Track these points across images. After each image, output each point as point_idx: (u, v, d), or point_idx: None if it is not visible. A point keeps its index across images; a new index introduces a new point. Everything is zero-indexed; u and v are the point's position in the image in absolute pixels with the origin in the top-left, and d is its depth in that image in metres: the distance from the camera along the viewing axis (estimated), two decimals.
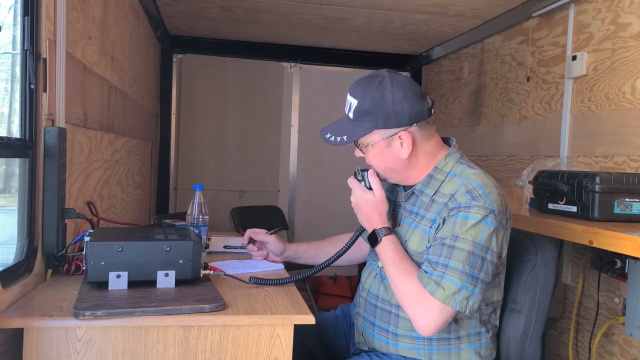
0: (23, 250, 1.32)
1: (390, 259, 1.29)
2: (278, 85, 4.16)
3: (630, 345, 1.98)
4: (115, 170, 2.30)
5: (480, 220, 1.21)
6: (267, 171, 4.19)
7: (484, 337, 1.35)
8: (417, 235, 1.32)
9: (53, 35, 1.41)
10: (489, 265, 1.23)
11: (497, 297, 1.36)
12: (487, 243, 1.22)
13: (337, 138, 1.33)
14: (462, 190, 1.25)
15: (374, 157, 1.35)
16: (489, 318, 1.36)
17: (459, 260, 1.20)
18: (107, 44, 2.10)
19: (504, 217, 1.26)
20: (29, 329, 1.08)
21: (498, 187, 1.29)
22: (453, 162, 1.35)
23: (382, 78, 1.30)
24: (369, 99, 1.29)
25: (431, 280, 1.21)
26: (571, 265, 2.29)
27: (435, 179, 1.33)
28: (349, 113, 1.33)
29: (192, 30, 3.70)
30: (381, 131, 1.30)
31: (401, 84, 1.30)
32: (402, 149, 1.31)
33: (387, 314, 1.36)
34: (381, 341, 1.38)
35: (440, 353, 1.32)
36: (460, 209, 1.23)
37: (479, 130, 3.32)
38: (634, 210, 1.69)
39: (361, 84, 1.32)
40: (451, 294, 1.19)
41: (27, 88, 1.33)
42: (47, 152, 1.37)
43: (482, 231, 1.21)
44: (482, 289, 1.22)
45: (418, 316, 1.22)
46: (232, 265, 1.60)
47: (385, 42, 3.77)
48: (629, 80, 2.08)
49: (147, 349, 1.11)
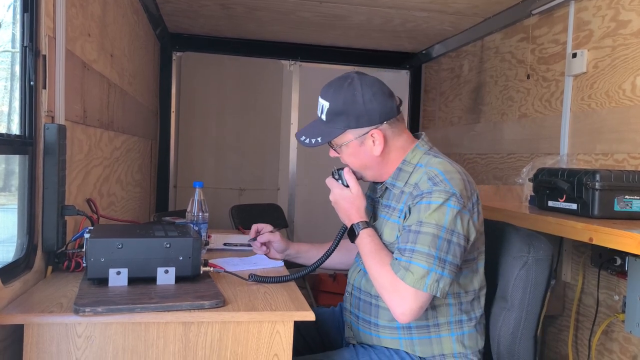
0: (23, 247, 1.32)
1: (368, 250, 1.33)
2: (277, 83, 4.16)
3: (630, 343, 1.98)
4: (115, 168, 2.30)
5: (442, 203, 1.25)
6: (267, 169, 4.19)
7: (466, 325, 1.36)
8: (389, 226, 1.38)
9: (52, 32, 1.40)
10: (456, 247, 1.25)
11: (477, 285, 1.37)
12: (452, 226, 1.25)
13: (312, 140, 1.38)
14: (425, 178, 1.30)
15: (349, 157, 1.39)
16: (472, 307, 1.37)
17: (424, 244, 1.23)
18: (107, 41, 2.10)
19: (468, 201, 1.29)
20: (30, 325, 1.08)
21: (463, 174, 1.32)
22: (421, 154, 1.39)
23: (351, 79, 1.35)
24: (340, 100, 1.34)
25: (400, 266, 1.24)
26: (571, 262, 2.29)
27: (404, 171, 1.38)
28: (321, 115, 1.38)
29: (192, 28, 3.70)
30: (354, 130, 1.35)
31: (370, 84, 1.36)
32: (374, 147, 1.36)
33: (368, 305, 1.40)
34: (365, 333, 1.41)
35: (422, 342, 1.34)
36: (423, 195, 1.28)
37: (478, 128, 3.32)
38: (634, 208, 1.69)
39: (332, 87, 1.37)
40: (420, 277, 1.21)
41: (27, 85, 1.33)
42: (47, 149, 1.37)
43: (445, 214, 1.24)
44: (452, 271, 1.24)
45: (394, 304, 1.25)
46: (232, 262, 1.60)
47: (385, 39, 3.76)
48: (629, 77, 2.08)
49: (147, 345, 1.11)
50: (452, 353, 1.35)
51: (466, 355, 1.36)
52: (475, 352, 1.38)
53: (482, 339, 1.41)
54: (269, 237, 1.67)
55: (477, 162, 3.30)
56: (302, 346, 1.53)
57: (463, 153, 3.50)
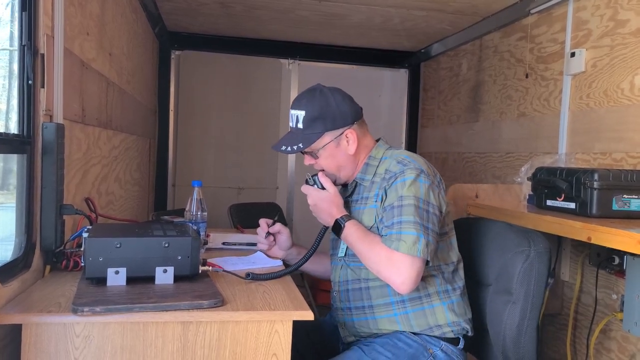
0: (21, 246, 1.32)
1: (357, 237, 1.41)
2: (276, 82, 4.15)
3: (628, 342, 1.99)
4: (114, 167, 2.30)
5: (415, 178, 1.38)
6: (266, 168, 4.18)
7: (452, 294, 1.46)
8: (366, 213, 1.47)
9: (51, 30, 1.40)
10: (433, 217, 1.38)
11: (454, 257, 1.49)
12: (427, 197, 1.38)
13: (294, 147, 1.48)
14: (394, 162, 1.45)
15: (326, 159, 1.50)
16: (453, 277, 1.48)
17: (409, 214, 1.35)
18: (105, 40, 2.09)
19: (435, 178, 1.44)
20: (28, 325, 1.07)
21: (425, 160, 1.47)
22: (383, 149, 1.54)
23: (320, 89, 1.50)
24: (316, 106, 1.47)
25: (392, 238, 1.34)
26: (569, 261, 2.29)
27: (370, 165, 1.51)
28: (297, 125, 1.49)
29: (190, 27, 3.69)
30: (331, 133, 1.48)
31: (336, 90, 1.51)
32: (349, 146, 1.49)
33: (358, 291, 1.48)
34: (360, 320, 1.47)
35: (417, 315, 1.42)
36: (397, 175, 1.41)
37: (477, 127, 3.32)
38: (632, 207, 1.69)
39: (304, 97, 1.50)
40: (412, 244, 1.31)
41: (25, 84, 1.32)
42: (45, 148, 1.37)
43: (419, 188, 1.38)
44: (434, 238, 1.37)
45: (393, 275, 1.33)
46: (230, 261, 1.60)
47: (384, 38, 3.76)
48: (628, 76, 2.08)
49: (145, 344, 1.11)
50: (446, 323, 1.43)
51: (459, 323, 1.45)
52: (466, 320, 1.47)
53: (469, 310, 1.50)
54: (280, 228, 1.69)
55: (476, 161, 3.30)
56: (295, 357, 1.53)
57: (462, 152, 3.51)
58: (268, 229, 1.67)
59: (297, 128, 1.49)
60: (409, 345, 1.40)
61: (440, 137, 3.89)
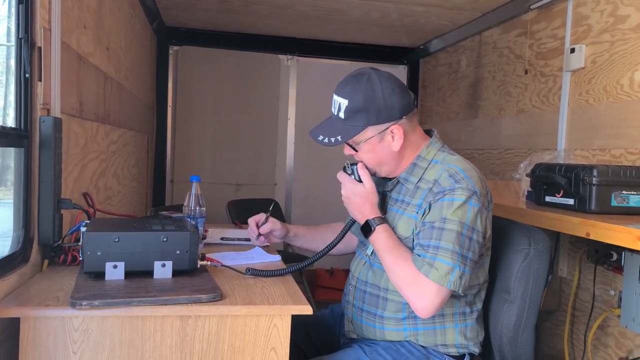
0: (19, 241, 1.31)
1: (386, 246, 1.33)
2: (275, 77, 4.14)
3: (626, 338, 1.99)
4: (112, 162, 2.29)
5: (465, 201, 1.27)
6: (264, 164, 4.18)
7: (469, 317, 1.39)
8: (404, 221, 1.37)
9: (48, 23, 1.39)
10: (476, 244, 1.28)
11: (481, 278, 1.40)
12: (473, 223, 1.27)
13: (332, 139, 1.35)
14: (445, 175, 1.32)
15: (366, 153, 1.38)
16: (474, 299, 1.40)
17: (449, 241, 1.25)
18: (103, 34, 2.08)
19: (485, 199, 1.33)
20: (26, 319, 1.07)
21: (478, 172, 1.36)
22: (435, 150, 1.41)
23: (368, 75, 1.34)
24: (360, 97, 1.32)
25: (424, 262, 1.25)
26: (567, 258, 2.30)
27: (418, 166, 1.39)
28: (338, 113, 1.35)
29: (189, 22, 3.68)
30: (374, 127, 1.34)
31: (387, 79, 1.35)
32: (393, 142, 1.35)
33: (375, 297, 1.40)
34: (369, 325, 1.41)
35: (426, 333, 1.36)
36: (445, 192, 1.29)
37: (476, 124, 3.32)
38: (630, 203, 1.69)
39: (349, 83, 1.35)
40: (445, 274, 1.23)
41: (22, 77, 1.31)
42: (43, 142, 1.36)
43: (467, 212, 1.27)
44: (471, 268, 1.27)
45: (416, 298, 1.26)
46: (229, 256, 1.60)
47: (383, 34, 3.75)
48: (628, 72, 2.08)
49: (144, 338, 1.11)
50: (454, 344, 1.38)
51: (467, 346, 1.39)
52: (476, 343, 1.41)
53: (482, 332, 1.44)
54: (270, 227, 1.66)
55: (475, 158, 3.30)
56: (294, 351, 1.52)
57: (461, 148, 3.50)
58: (258, 230, 1.64)
59: (337, 117, 1.35)
60: (411, 353, 1.36)
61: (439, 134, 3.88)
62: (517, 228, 1.49)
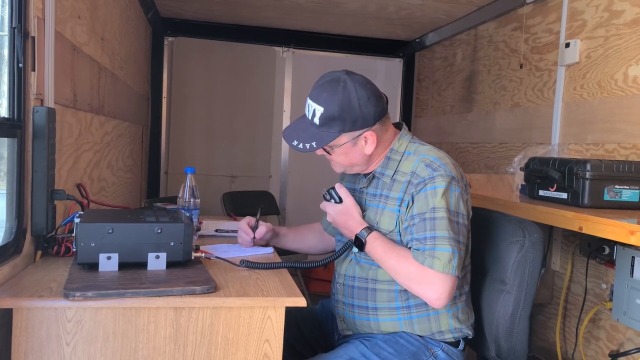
0: (12, 231, 1.31)
1: (382, 251, 1.35)
2: (270, 69, 4.13)
3: (617, 331, 2.01)
4: (106, 153, 2.28)
5: (446, 187, 1.31)
6: (259, 156, 4.17)
7: (459, 300, 1.42)
8: (386, 215, 1.39)
9: (42, 13, 1.38)
10: (463, 227, 1.33)
11: (466, 261, 1.44)
12: (456, 207, 1.32)
13: (306, 145, 1.36)
14: (422, 165, 1.35)
15: (339, 156, 1.41)
16: (461, 283, 1.42)
17: (442, 229, 1.28)
18: (97, 24, 2.07)
19: (462, 183, 1.37)
20: (19, 310, 1.07)
21: (451, 159, 1.39)
22: (406, 142, 1.43)
23: (344, 82, 1.33)
24: (336, 106, 1.32)
25: (426, 255, 1.28)
26: (560, 251, 2.31)
27: (392, 159, 1.42)
28: (313, 119, 1.36)
29: (184, 13, 3.65)
30: (348, 134, 1.36)
31: (363, 86, 1.35)
32: (366, 146, 1.38)
33: (364, 290, 1.42)
34: (362, 319, 1.43)
35: (421, 321, 1.39)
36: (426, 182, 1.32)
37: (471, 117, 3.32)
38: (623, 197, 1.71)
39: (325, 90, 1.34)
40: (448, 261, 1.26)
41: (15, 67, 1.30)
42: (36, 132, 1.35)
43: (450, 197, 1.31)
44: (464, 251, 1.33)
45: (428, 292, 1.29)
46: (223, 248, 1.60)
47: (379, 27, 3.74)
48: (622, 67, 2.08)
49: (137, 330, 1.11)
50: (448, 329, 1.40)
51: (461, 329, 1.42)
52: (468, 326, 1.44)
53: (472, 314, 1.47)
54: (265, 230, 1.63)
55: (469, 151, 3.31)
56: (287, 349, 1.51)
57: (455, 142, 3.51)
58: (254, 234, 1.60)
59: (312, 122, 1.36)
60: (410, 343, 1.38)
61: (434, 127, 3.89)
62: (509, 220, 1.53)
